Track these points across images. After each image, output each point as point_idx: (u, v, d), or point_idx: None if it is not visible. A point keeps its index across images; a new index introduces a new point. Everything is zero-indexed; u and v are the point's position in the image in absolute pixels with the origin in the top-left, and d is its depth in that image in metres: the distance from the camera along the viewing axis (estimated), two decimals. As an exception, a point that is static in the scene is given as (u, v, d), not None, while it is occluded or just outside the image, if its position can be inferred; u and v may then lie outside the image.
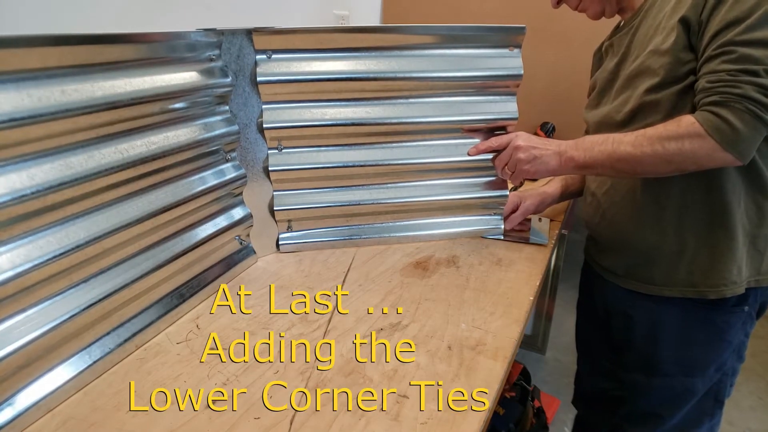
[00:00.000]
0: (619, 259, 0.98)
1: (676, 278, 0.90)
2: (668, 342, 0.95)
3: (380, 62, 0.92)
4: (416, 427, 0.59)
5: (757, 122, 0.72)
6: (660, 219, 0.89)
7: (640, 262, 0.94)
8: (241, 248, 0.95)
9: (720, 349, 0.93)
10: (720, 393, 0.97)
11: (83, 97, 0.60)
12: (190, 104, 0.78)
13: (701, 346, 0.93)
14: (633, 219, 0.92)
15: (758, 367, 2.13)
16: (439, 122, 0.99)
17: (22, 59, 0.53)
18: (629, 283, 0.97)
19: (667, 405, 0.99)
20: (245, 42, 0.84)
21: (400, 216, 1.07)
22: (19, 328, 0.57)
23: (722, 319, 0.90)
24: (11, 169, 0.54)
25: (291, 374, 0.67)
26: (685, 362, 0.95)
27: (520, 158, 0.92)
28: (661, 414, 1.00)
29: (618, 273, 0.99)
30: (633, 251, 0.95)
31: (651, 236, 0.91)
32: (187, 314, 0.81)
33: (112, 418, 0.60)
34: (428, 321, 0.79)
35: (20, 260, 0.55)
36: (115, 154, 0.65)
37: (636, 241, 0.93)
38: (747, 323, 0.92)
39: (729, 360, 0.94)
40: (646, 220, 0.91)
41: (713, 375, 0.94)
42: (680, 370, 0.95)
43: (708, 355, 0.93)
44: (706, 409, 0.98)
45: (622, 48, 0.93)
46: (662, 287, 0.92)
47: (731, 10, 0.73)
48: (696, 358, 0.94)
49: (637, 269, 0.95)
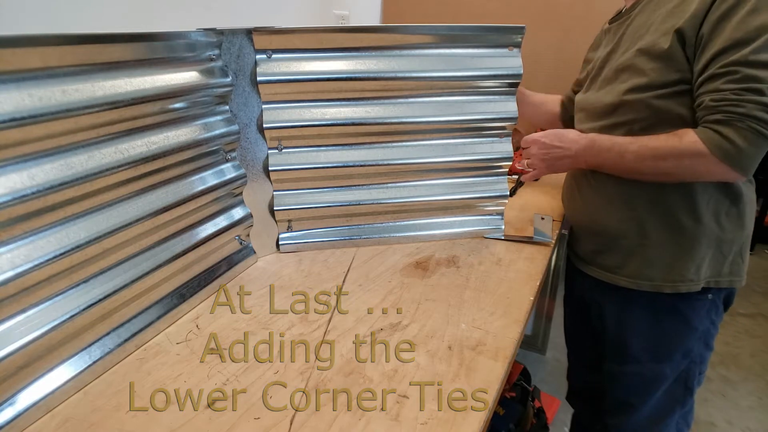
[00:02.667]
0: (587, 244, 1.02)
1: (633, 269, 0.94)
2: (636, 329, 0.98)
3: (380, 62, 0.92)
4: (416, 427, 0.59)
5: (759, 139, 0.73)
6: (628, 209, 0.92)
7: (603, 249, 0.98)
8: (241, 248, 0.95)
9: (686, 336, 0.95)
10: (689, 380, 0.99)
11: (84, 97, 0.60)
12: (190, 104, 0.78)
13: (668, 333, 0.96)
14: (603, 205, 0.96)
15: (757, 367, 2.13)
16: (439, 122, 0.99)
17: (23, 59, 0.53)
18: (594, 270, 1.01)
19: (639, 392, 1.01)
20: (245, 42, 0.84)
21: (400, 216, 1.07)
22: (20, 329, 0.57)
23: (686, 305, 0.93)
24: (12, 169, 0.54)
25: (291, 374, 0.67)
26: (653, 348, 0.97)
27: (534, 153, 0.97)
28: (633, 403, 1.03)
29: (586, 260, 1.04)
30: (598, 237, 0.99)
31: (617, 224, 0.94)
32: (187, 314, 0.81)
33: (112, 418, 0.60)
34: (428, 321, 0.79)
35: (20, 260, 0.55)
36: (115, 154, 0.65)
37: (602, 226, 0.97)
38: (711, 311, 0.95)
39: (695, 347, 0.96)
40: (615, 208, 0.94)
41: (681, 361, 0.97)
42: (649, 356, 0.98)
43: (674, 340, 0.96)
44: (676, 396, 1.00)
45: (615, 38, 0.94)
46: (620, 277, 0.96)
47: (737, 30, 0.73)
48: (663, 344, 0.97)
49: (601, 256, 0.99)
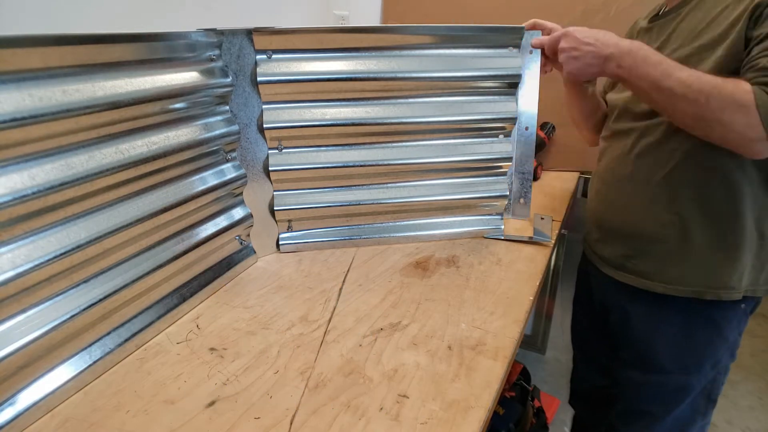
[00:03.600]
0: (617, 248, 0.98)
1: (672, 275, 0.89)
2: (667, 338, 0.94)
3: (380, 62, 0.92)
4: (416, 427, 0.59)
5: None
6: (670, 210, 0.87)
7: (637, 254, 0.94)
8: (241, 248, 0.95)
9: (717, 346, 0.92)
10: (713, 392, 0.97)
11: (84, 97, 0.60)
12: (190, 104, 0.78)
13: (700, 343, 0.92)
14: (642, 206, 0.91)
15: (757, 366, 2.13)
16: (439, 122, 0.99)
17: (24, 59, 0.54)
18: (623, 276, 0.96)
19: (662, 403, 0.98)
20: (245, 42, 0.84)
21: (400, 216, 1.07)
22: (20, 328, 0.57)
23: (721, 315, 0.90)
24: (12, 169, 0.54)
25: (291, 374, 0.67)
26: (683, 359, 0.94)
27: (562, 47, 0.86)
28: (654, 413, 1.00)
29: (614, 264, 0.99)
30: (633, 240, 0.94)
31: (656, 227, 0.89)
32: (188, 314, 0.81)
33: (112, 418, 0.60)
34: (428, 321, 0.79)
35: (21, 260, 0.55)
36: (116, 154, 0.65)
37: (639, 229, 0.92)
38: (742, 321, 0.92)
39: (724, 357, 0.94)
40: (656, 209, 0.89)
41: (709, 372, 0.94)
42: (678, 367, 0.95)
43: (706, 351, 0.93)
44: (699, 407, 0.98)
45: (662, 35, 0.89)
46: (656, 283, 0.91)
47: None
48: (694, 355, 0.93)
49: (633, 261, 0.95)
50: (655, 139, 0.88)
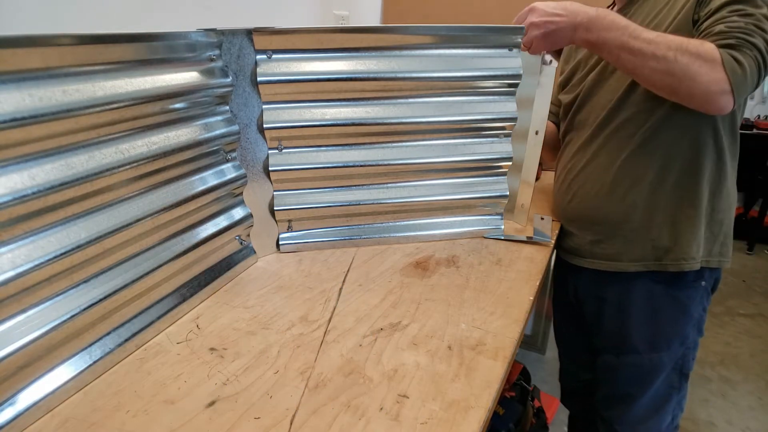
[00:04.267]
0: (586, 235, 1.03)
1: (639, 252, 0.95)
2: (636, 319, 1.00)
3: (380, 62, 0.92)
4: (416, 427, 0.59)
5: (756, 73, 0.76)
6: (632, 194, 0.94)
7: (604, 238, 0.99)
8: (241, 248, 0.95)
9: (683, 323, 0.98)
10: (685, 366, 1.01)
11: (84, 97, 0.60)
12: (190, 104, 0.78)
13: (667, 321, 0.98)
14: (604, 193, 0.97)
15: (757, 366, 2.13)
16: (439, 122, 0.99)
17: (24, 59, 0.53)
18: (593, 262, 1.02)
19: (638, 383, 1.03)
20: (245, 42, 0.84)
21: (400, 216, 1.07)
22: (20, 328, 0.57)
23: (684, 294, 0.96)
24: (12, 169, 0.54)
25: (291, 374, 0.67)
26: (652, 338, 0.99)
27: (533, 22, 0.88)
28: (632, 393, 1.04)
29: (584, 253, 1.04)
30: (598, 227, 1.00)
31: (620, 210, 0.95)
32: (188, 314, 0.81)
33: (112, 418, 0.60)
34: (428, 321, 0.79)
35: (21, 260, 0.55)
36: (116, 155, 0.65)
37: (603, 215, 0.98)
38: (704, 298, 0.98)
39: (691, 334, 0.99)
40: (619, 193, 0.95)
41: (678, 349, 0.99)
42: (648, 346, 1.00)
43: (673, 329, 0.98)
44: (673, 383, 1.02)
45: None
46: (624, 263, 0.97)
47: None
48: (662, 333, 0.99)
49: (600, 245, 1.00)
50: (614, 126, 0.95)
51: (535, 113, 1.01)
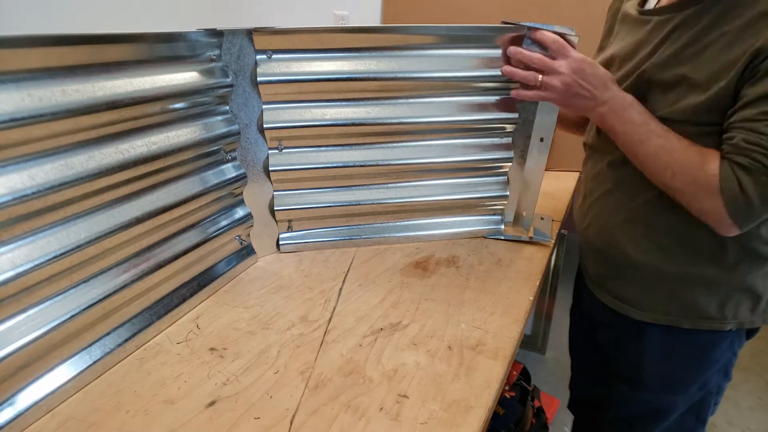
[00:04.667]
0: (598, 266, 0.96)
1: (649, 303, 0.87)
2: (651, 358, 0.91)
3: (380, 62, 0.92)
4: (416, 427, 0.59)
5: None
6: (647, 237, 0.84)
7: (615, 276, 0.91)
8: (241, 248, 0.95)
9: (704, 368, 0.89)
10: (702, 411, 0.94)
11: (84, 97, 0.60)
12: (190, 104, 0.78)
13: (684, 365, 0.89)
14: (618, 226, 0.88)
15: (757, 366, 2.13)
16: (439, 122, 0.99)
17: (23, 59, 0.53)
18: (603, 295, 0.94)
19: (647, 418, 0.97)
20: (245, 42, 0.84)
21: (400, 216, 1.07)
22: (20, 328, 0.57)
23: (707, 338, 0.85)
24: (12, 169, 0.54)
25: (291, 374, 0.67)
26: (667, 379, 0.91)
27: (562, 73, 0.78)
28: (641, 425, 0.99)
29: (596, 282, 0.97)
30: (610, 261, 0.91)
31: (634, 252, 0.86)
32: (188, 314, 0.81)
33: (112, 418, 0.60)
34: (428, 321, 0.79)
35: (21, 260, 0.55)
36: (115, 155, 0.65)
37: (617, 251, 0.88)
38: (735, 342, 0.87)
39: (714, 378, 0.90)
40: (636, 231, 0.85)
41: (695, 393, 0.91)
42: (662, 387, 0.92)
43: (691, 373, 0.89)
44: (686, 426, 0.96)
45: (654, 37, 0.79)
46: (633, 309, 0.89)
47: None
48: (678, 376, 0.90)
49: (611, 282, 0.92)
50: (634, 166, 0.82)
51: (539, 120, 0.99)
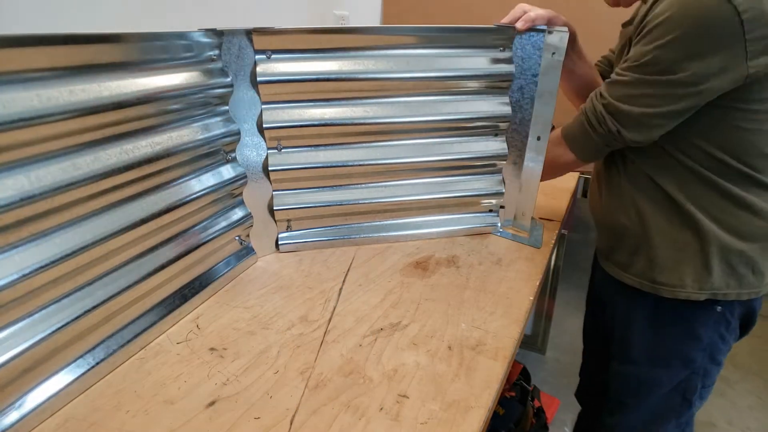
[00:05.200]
0: (603, 239, 1.03)
1: (639, 269, 0.93)
2: (639, 330, 0.97)
3: (379, 62, 0.92)
4: (416, 427, 0.59)
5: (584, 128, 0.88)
6: (633, 207, 0.92)
7: (615, 246, 0.98)
8: (241, 248, 0.95)
9: (687, 344, 0.92)
10: (688, 391, 0.96)
11: (90, 97, 0.60)
12: (190, 104, 0.78)
13: (667, 338, 0.94)
14: (615, 203, 0.96)
15: (756, 366, 2.14)
16: (436, 121, 0.99)
17: (31, 59, 0.54)
18: (608, 266, 1.01)
19: (632, 394, 1.00)
20: (245, 42, 0.85)
21: (398, 214, 1.07)
22: (26, 332, 0.57)
23: (691, 313, 0.90)
24: (20, 171, 0.54)
25: (291, 374, 0.68)
26: (651, 352, 0.96)
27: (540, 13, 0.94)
28: (628, 403, 1.02)
29: (604, 255, 1.03)
30: (610, 232, 0.99)
31: (624, 222, 0.94)
32: (188, 314, 0.81)
33: (112, 418, 0.60)
34: (428, 321, 0.80)
35: (28, 263, 0.55)
36: (120, 155, 0.65)
37: (612, 223, 0.97)
38: (720, 324, 0.90)
39: (699, 358, 0.92)
40: (624, 206, 0.94)
41: (680, 370, 0.94)
42: (647, 359, 0.97)
43: (674, 347, 0.93)
44: (672, 405, 0.98)
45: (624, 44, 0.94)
46: (627, 275, 0.95)
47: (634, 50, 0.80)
48: (663, 348, 0.94)
49: (613, 252, 0.99)
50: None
51: (536, 118, 1.00)
